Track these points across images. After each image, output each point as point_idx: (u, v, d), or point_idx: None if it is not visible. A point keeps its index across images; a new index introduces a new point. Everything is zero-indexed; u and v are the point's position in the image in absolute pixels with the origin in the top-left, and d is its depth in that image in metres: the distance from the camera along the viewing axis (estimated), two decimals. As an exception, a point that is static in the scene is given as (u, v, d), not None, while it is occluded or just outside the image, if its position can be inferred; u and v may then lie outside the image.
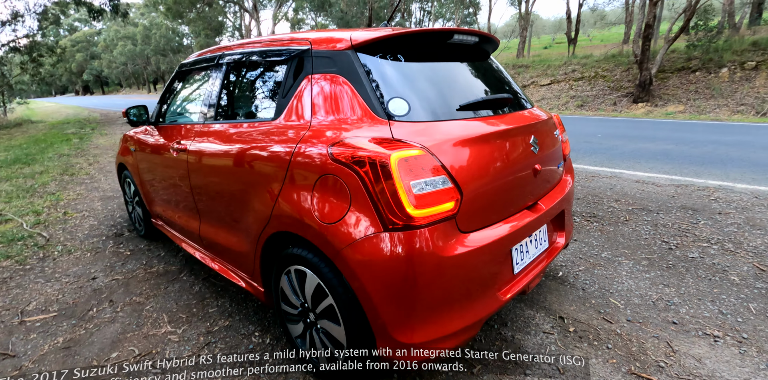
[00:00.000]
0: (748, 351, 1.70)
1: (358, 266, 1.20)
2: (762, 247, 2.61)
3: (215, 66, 1.97)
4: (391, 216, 1.17)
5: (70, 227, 3.38)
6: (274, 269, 1.61)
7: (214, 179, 1.83)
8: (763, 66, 11.45)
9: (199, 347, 1.83)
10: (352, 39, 1.39)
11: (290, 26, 39.24)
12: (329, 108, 1.38)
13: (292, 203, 1.37)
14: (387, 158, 1.16)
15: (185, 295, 2.28)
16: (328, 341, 1.45)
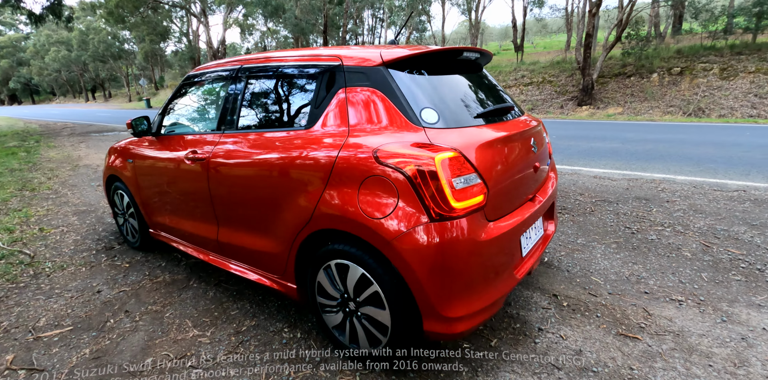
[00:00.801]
0: (706, 310, 2.07)
1: (409, 254, 1.39)
2: (705, 228, 3.09)
3: (234, 78, 2.08)
4: (437, 209, 1.37)
5: (53, 243, 3.25)
6: (310, 266, 1.75)
7: (241, 186, 1.93)
8: (686, 71, 12.92)
9: (233, 346, 1.91)
10: (383, 56, 1.59)
11: (240, 32, 38.41)
12: (367, 117, 1.57)
13: (336, 203, 1.53)
14: (432, 159, 1.37)
15: (202, 301, 2.33)
16: (371, 325, 1.62)
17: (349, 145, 1.54)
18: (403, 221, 1.40)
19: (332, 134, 1.62)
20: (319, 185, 1.60)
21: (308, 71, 1.77)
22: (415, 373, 1.69)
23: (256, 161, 1.84)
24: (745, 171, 4.65)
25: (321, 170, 1.59)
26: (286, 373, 1.72)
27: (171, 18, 33.23)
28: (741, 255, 2.63)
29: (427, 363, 1.74)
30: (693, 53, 13.57)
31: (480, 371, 1.70)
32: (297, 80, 1.83)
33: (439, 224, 1.38)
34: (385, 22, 47.48)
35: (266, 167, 1.79)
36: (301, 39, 27.38)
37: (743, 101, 11.33)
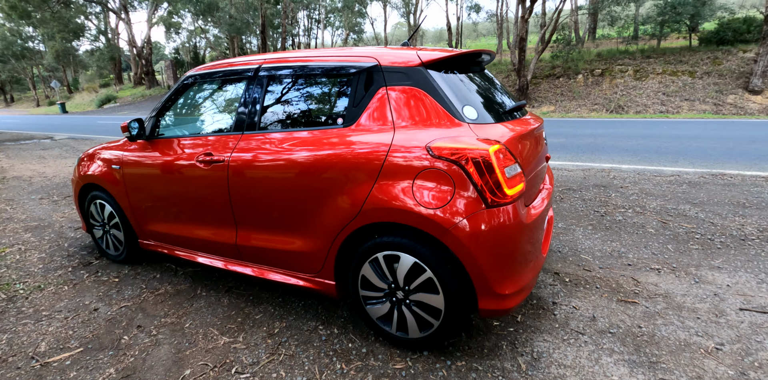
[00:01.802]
0: (680, 275, 2.43)
1: (468, 239, 1.50)
2: (658, 208, 3.58)
3: (253, 77, 2.04)
4: (493, 196, 1.50)
5: (14, 264, 2.89)
6: (353, 261, 1.80)
7: (270, 188, 1.90)
8: (606, 73, 14.48)
9: (273, 347, 1.89)
10: (422, 57, 1.68)
11: (165, 31, 35.85)
12: (411, 115, 1.65)
13: (389, 196, 1.60)
14: (487, 150, 1.49)
15: (218, 308, 2.24)
16: (422, 310, 1.71)
17: (399, 140, 1.61)
18: (461, 209, 1.51)
19: (377, 131, 1.68)
20: (368, 180, 1.65)
21: (341, 71, 1.81)
22: (461, 352, 1.81)
23: (290, 160, 1.84)
24: (673, 159, 5.40)
25: (369, 165, 1.64)
26: (338, 367, 1.75)
27: (86, 14, 30.06)
28: (693, 228, 3.10)
29: (469, 342, 1.86)
30: (611, 57, 15.25)
31: (517, 343, 1.86)
32: (328, 79, 1.86)
33: (494, 210, 1.51)
34: (321, 23, 47.10)
35: (302, 166, 1.80)
36: (236, 39, 26.26)
37: (654, 98, 12.98)
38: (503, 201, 1.53)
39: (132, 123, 2.33)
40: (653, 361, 1.72)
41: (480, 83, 1.92)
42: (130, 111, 23.38)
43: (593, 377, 1.64)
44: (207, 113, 2.29)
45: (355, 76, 1.78)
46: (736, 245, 2.79)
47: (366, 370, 1.72)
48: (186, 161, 2.18)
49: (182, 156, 2.21)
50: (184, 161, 2.19)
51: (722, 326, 1.94)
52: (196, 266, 2.80)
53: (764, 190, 3.91)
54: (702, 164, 5.08)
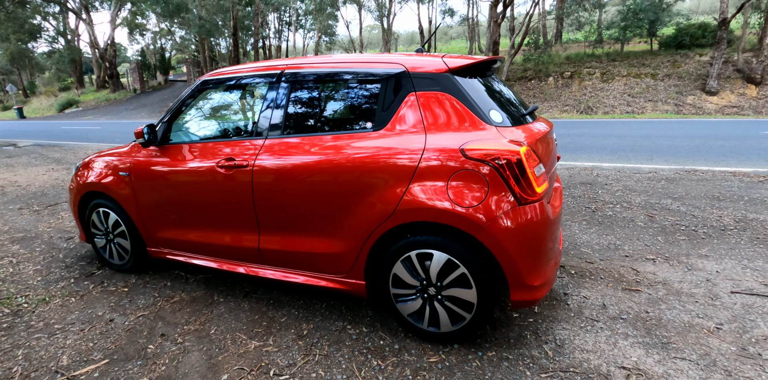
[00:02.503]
0: (673, 264, 2.63)
1: (502, 235, 1.59)
2: (643, 203, 3.83)
3: (275, 82, 2.06)
4: (524, 194, 1.60)
5: (9, 277, 2.76)
6: (384, 260, 1.85)
7: (297, 191, 1.93)
8: (575, 75, 15.14)
9: (306, 349, 1.91)
10: (448, 64, 1.77)
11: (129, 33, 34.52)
12: (441, 118, 1.73)
13: (424, 197, 1.67)
14: (518, 152, 1.59)
15: (240, 314, 2.24)
16: (455, 305, 1.79)
17: (432, 143, 1.69)
18: (496, 207, 1.60)
19: (408, 134, 1.75)
20: (402, 181, 1.72)
21: (368, 76, 1.87)
22: (489, 343, 1.90)
23: (319, 164, 1.87)
24: (648, 157, 5.75)
25: (404, 168, 1.71)
26: (374, 364, 1.80)
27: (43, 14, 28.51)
28: (677, 221, 3.34)
29: (495, 334, 1.96)
30: (579, 60, 15.98)
31: (540, 332, 1.97)
32: (354, 85, 1.91)
33: (525, 207, 1.62)
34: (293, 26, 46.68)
35: (333, 170, 1.84)
36: (206, 41, 25.63)
37: (621, 100, 13.70)
38: (533, 199, 1.63)
39: (145, 129, 2.29)
40: (664, 342, 1.88)
41: (495, 88, 2.03)
42: (95, 116, 22.37)
43: (615, 359, 1.77)
44: (225, 118, 2.29)
45: (383, 82, 1.84)
46: (718, 235, 3.03)
47: (402, 365, 1.78)
48: (205, 166, 2.17)
49: (200, 162, 2.19)
50: (202, 166, 2.18)
51: (718, 308, 2.13)
52: (208, 272, 2.77)
53: (734, 184, 4.25)
54: (674, 161, 5.45)
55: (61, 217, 4.12)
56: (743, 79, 12.33)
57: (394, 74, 1.82)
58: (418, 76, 1.78)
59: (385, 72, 1.84)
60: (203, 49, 24.35)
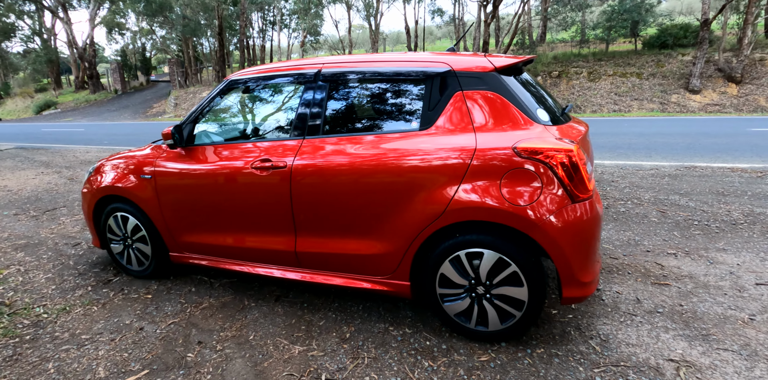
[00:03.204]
0: (695, 258, 2.70)
1: (557, 232, 1.60)
2: (652, 199, 3.91)
3: (312, 81, 2.02)
4: (577, 192, 1.61)
5: (20, 286, 2.64)
6: (430, 260, 1.84)
7: (341, 192, 1.89)
8: (563, 75, 15.41)
9: (353, 352, 1.88)
10: (494, 63, 1.76)
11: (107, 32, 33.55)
12: (490, 117, 1.72)
13: (478, 196, 1.66)
14: (572, 150, 1.60)
15: (276, 318, 2.19)
16: (504, 303, 1.79)
17: (484, 142, 1.68)
18: (550, 205, 1.61)
19: (457, 134, 1.74)
20: (453, 181, 1.71)
21: (412, 75, 1.85)
22: (536, 340, 1.91)
23: (364, 164, 1.84)
24: (646, 154, 5.89)
25: (455, 167, 1.70)
26: (426, 365, 1.78)
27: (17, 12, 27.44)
28: (689, 216, 3.43)
29: (538, 332, 1.97)
30: (566, 59, 16.27)
31: (582, 328, 1.99)
32: (397, 84, 1.89)
33: (578, 205, 1.63)
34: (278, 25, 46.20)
35: (378, 170, 1.82)
36: (190, 41, 25.12)
37: (608, 98, 14.01)
38: (585, 196, 1.65)
39: (173, 130, 2.22)
40: (704, 334, 1.92)
41: (532, 87, 2.04)
42: (75, 118, 21.68)
43: (661, 352, 1.80)
44: (255, 118, 2.23)
45: (428, 81, 1.83)
46: (731, 229, 3.12)
47: (454, 365, 1.77)
48: (237, 168, 2.11)
49: (231, 163, 2.14)
50: (234, 168, 2.12)
51: (747, 300, 2.19)
52: (233, 276, 2.70)
53: (734, 180, 4.39)
54: (672, 158, 5.60)
55: (63, 222, 3.97)
56: (724, 78, 12.78)
57: (439, 73, 1.81)
58: (465, 76, 1.78)
59: (430, 71, 1.83)
60: (187, 48, 23.85)
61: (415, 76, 1.85)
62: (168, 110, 21.73)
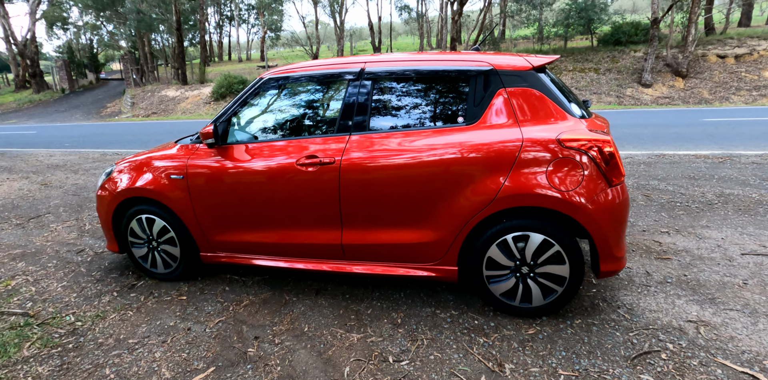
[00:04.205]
0: (685, 235, 3.02)
1: (598, 214, 1.79)
2: (635, 184, 4.27)
3: (355, 79, 2.08)
4: (613, 177, 1.81)
5: (36, 296, 2.53)
6: (478, 245, 1.98)
7: (392, 185, 1.98)
8: (528, 71, 16.09)
9: (410, 335, 1.99)
10: (532, 62, 1.93)
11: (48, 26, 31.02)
12: (532, 112, 1.88)
13: (527, 184, 1.82)
14: (609, 140, 1.79)
15: (323, 310, 2.26)
16: (548, 280, 1.96)
17: (530, 135, 1.84)
18: (591, 189, 1.80)
19: (503, 127, 1.88)
20: (502, 171, 1.85)
21: (456, 74, 1.97)
22: (572, 313, 2.11)
23: (412, 158, 1.95)
24: (619, 144, 6.36)
25: (504, 158, 1.85)
26: (481, 341, 1.93)
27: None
28: (671, 198, 3.80)
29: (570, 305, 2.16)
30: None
31: (608, 300, 2.21)
32: (442, 81, 2.00)
33: (615, 189, 1.83)
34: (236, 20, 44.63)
35: (429, 163, 1.93)
36: (146, 36, 23.79)
37: (570, 93, 14.79)
38: (618, 181, 1.85)
39: (214, 129, 2.21)
40: (711, 298, 2.20)
41: (559, 84, 2.23)
42: (20, 119, 19.98)
43: (679, 315, 2.06)
44: (294, 116, 2.27)
45: (472, 79, 1.96)
46: (708, 209, 3.51)
47: (507, 339, 1.93)
48: (281, 165, 2.15)
49: (273, 160, 2.17)
50: (278, 165, 2.16)
51: (737, 267, 2.51)
52: (264, 273, 2.72)
53: (701, 165, 4.88)
54: (642, 147, 6.09)
55: (55, 230, 3.77)
56: (672, 73, 13.89)
57: (482, 72, 1.95)
58: (506, 74, 1.92)
59: (473, 70, 1.96)
60: (143, 44, 22.57)
61: (459, 75, 1.98)
62: (124, 110, 20.55)
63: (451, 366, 1.77)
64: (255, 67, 26.83)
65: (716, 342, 1.85)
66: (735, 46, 14.07)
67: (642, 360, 1.76)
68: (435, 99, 2.03)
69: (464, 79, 1.97)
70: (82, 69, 29.33)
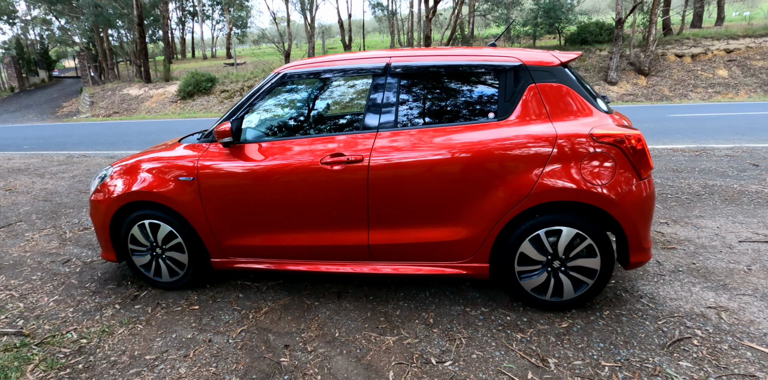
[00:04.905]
0: (683, 225, 3.16)
1: (629, 206, 1.82)
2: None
3: (381, 74, 2.01)
4: (643, 171, 1.84)
5: (26, 313, 2.30)
6: (508, 241, 1.97)
7: (424, 182, 1.94)
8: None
9: (446, 335, 1.96)
10: (559, 58, 1.93)
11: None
12: (563, 107, 1.88)
13: (562, 179, 1.82)
14: (639, 135, 1.82)
15: (350, 314, 2.19)
16: (579, 273, 1.98)
17: (563, 130, 1.84)
18: (624, 183, 1.82)
19: (536, 123, 1.88)
20: (536, 166, 1.85)
21: (485, 69, 1.95)
22: (598, 305, 2.14)
23: (444, 154, 1.91)
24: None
25: (538, 153, 1.84)
26: (518, 337, 1.92)
27: None
28: (662, 190, 3.97)
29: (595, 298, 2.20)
30: (501, 55, 17.35)
31: (630, 291, 2.27)
32: (470, 77, 1.97)
33: (644, 182, 1.86)
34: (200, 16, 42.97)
35: (461, 159, 1.89)
36: (105, 32, 22.42)
37: (542, 90, 15.24)
38: (647, 175, 1.89)
39: (232, 127, 2.07)
40: (722, 284, 2.30)
41: (581, 80, 2.25)
42: (-38, 121, 18.33)
43: (699, 302, 2.14)
44: (314, 112, 2.17)
45: (502, 74, 1.94)
46: (698, 200, 3.69)
47: (543, 334, 1.94)
48: (304, 164, 2.05)
49: (296, 159, 2.07)
50: (300, 164, 2.06)
51: (738, 254, 2.65)
52: (278, 278, 2.61)
53: (680, 158, 5.14)
54: (621, 141, 6.34)
55: (32, 239, 3.47)
56: (635, 71, 14.59)
57: (512, 67, 1.93)
58: (536, 69, 1.92)
59: (503, 65, 1.94)
60: (101, 40, 21.24)
61: (488, 70, 1.95)
62: (83, 110, 19.31)
63: (495, 364, 1.76)
64: (222, 64, 25.91)
65: (739, 326, 1.93)
66: (691, 46, 14.97)
67: (677, 348, 1.81)
68: (464, 94, 2.00)
69: (494, 75, 1.96)
70: (32, 66, 27.31)
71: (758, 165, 4.59)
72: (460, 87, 2.01)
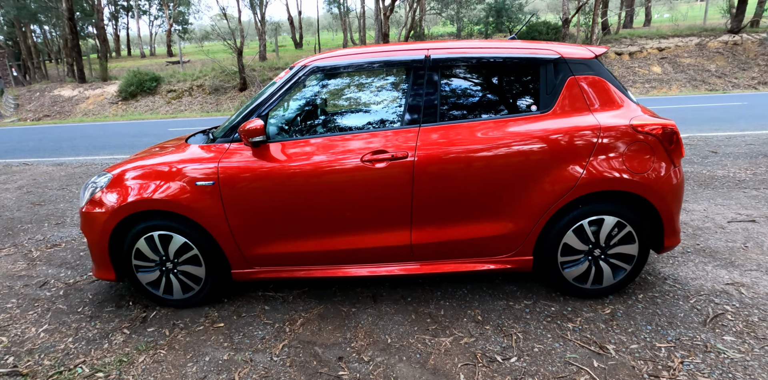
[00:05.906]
0: (673, 208, 3.39)
1: (666, 193, 1.90)
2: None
3: (420, 67, 1.92)
4: (676, 158, 1.93)
5: (16, 348, 1.97)
6: (552, 233, 1.99)
7: (471, 177, 1.89)
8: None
9: (500, 330, 1.93)
10: (594, 51, 1.97)
11: None
12: (601, 99, 1.92)
13: (606, 169, 1.86)
14: (674, 124, 1.89)
15: (394, 317, 2.10)
16: (619, 260, 2.04)
17: (606, 121, 1.87)
18: (661, 171, 1.90)
19: (577, 114, 1.90)
20: (582, 157, 1.87)
21: (526, 62, 1.93)
22: (631, 289, 2.23)
23: (491, 148, 1.88)
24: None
25: (583, 144, 1.86)
26: (569, 327, 1.94)
27: None
28: (642, 177, 4.24)
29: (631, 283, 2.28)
30: (458, 52, 17.79)
31: (653, 274, 2.38)
32: (510, 70, 1.95)
33: (677, 169, 1.95)
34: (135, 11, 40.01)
35: (509, 153, 1.87)
36: (28, 27, 20.08)
37: (499, 87, 15.82)
38: (679, 162, 1.98)
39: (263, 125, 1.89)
40: (729, 262, 2.48)
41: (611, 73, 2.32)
42: None
43: (716, 280, 2.29)
44: (348, 108, 2.05)
45: (542, 67, 1.94)
46: (676, 184, 3.98)
47: (591, 321, 1.97)
48: (342, 162, 1.93)
49: (334, 158, 1.94)
50: (338, 163, 1.93)
51: (731, 234, 2.88)
52: (301, 286, 2.45)
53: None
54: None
55: (-9, 263, 3.00)
56: (582, 68, 15.63)
57: (552, 60, 1.94)
58: (574, 62, 1.94)
59: (543, 58, 1.94)
60: (24, 37, 19.01)
61: (528, 63, 1.94)
62: (6, 113, 17.21)
63: (560, 356, 1.76)
64: (164, 63, 24.25)
65: (759, 300, 2.09)
66: (629, 45, 16.24)
67: (716, 324, 1.91)
68: (505, 88, 1.98)
69: (534, 68, 1.95)
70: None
71: (716, 152, 5.06)
72: (502, 80, 1.99)
